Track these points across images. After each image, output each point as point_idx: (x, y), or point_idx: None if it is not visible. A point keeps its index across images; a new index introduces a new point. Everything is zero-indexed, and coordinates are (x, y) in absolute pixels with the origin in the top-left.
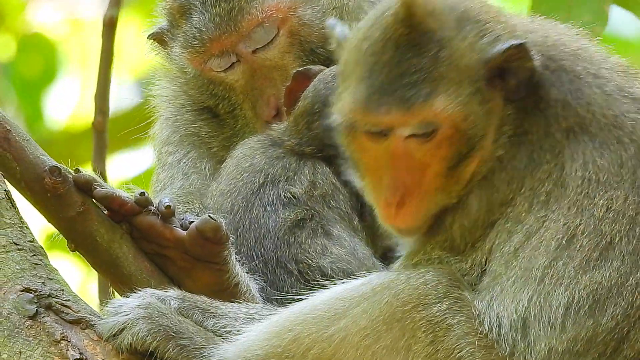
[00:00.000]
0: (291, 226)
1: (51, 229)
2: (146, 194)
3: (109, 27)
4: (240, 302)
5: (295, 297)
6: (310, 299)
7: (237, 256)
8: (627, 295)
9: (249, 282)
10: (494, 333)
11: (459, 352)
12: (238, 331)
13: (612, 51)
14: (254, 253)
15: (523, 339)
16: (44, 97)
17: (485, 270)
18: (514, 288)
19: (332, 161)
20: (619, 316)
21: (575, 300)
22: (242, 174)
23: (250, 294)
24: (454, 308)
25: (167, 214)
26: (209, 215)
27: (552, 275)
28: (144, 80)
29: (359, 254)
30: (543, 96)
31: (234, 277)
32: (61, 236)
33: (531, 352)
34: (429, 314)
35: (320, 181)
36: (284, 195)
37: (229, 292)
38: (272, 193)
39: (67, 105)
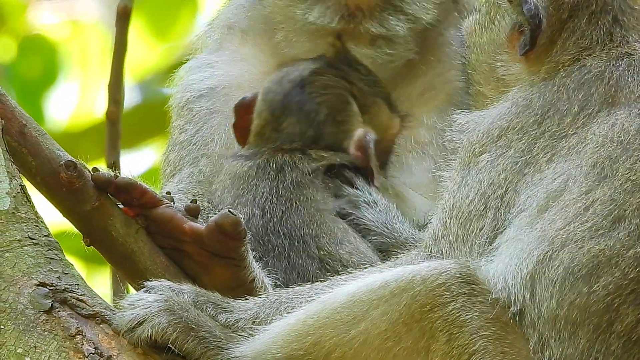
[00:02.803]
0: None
1: (56, 228)
2: (171, 195)
3: (123, 17)
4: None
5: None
6: (326, 301)
7: (254, 253)
8: (624, 267)
9: (264, 279)
10: (507, 293)
11: (472, 347)
12: (250, 327)
13: None
14: (279, 229)
15: (531, 298)
16: (44, 98)
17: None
18: (529, 247)
19: (305, 151)
20: (610, 286)
21: (575, 264)
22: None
23: (265, 290)
24: (467, 304)
25: (193, 211)
26: (229, 210)
27: (562, 237)
28: (145, 81)
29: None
30: (586, 64)
31: (251, 273)
32: (63, 236)
33: (537, 313)
34: (444, 313)
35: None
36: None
37: (245, 288)
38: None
39: (67, 107)
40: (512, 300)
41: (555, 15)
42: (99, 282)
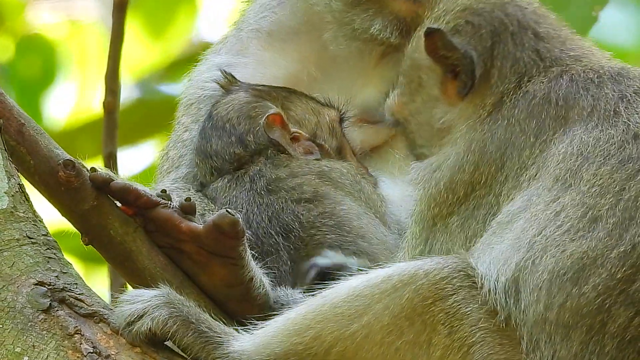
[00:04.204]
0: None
1: (54, 228)
2: (167, 192)
3: (119, 7)
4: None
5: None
6: (327, 295)
7: (251, 252)
8: (610, 267)
9: (262, 278)
10: (491, 297)
11: (471, 339)
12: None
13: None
14: (270, 230)
15: (516, 303)
16: (42, 98)
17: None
18: (504, 255)
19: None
20: (600, 287)
21: (560, 267)
22: None
23: (263, 289)
24: (467, 297)
25: (188, 209)
26: (227, 210)
27: (541, 242)
28: (143, 79)
29: None
30: (529, 90)
31: (249, 272)
32: (61, 236)
33: (524, 318)
34: (446, 306)
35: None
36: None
37: (244, 287)
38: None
39: (65, 106)
40: (499, 306)
41: (480, 45)
42: (97, 281)
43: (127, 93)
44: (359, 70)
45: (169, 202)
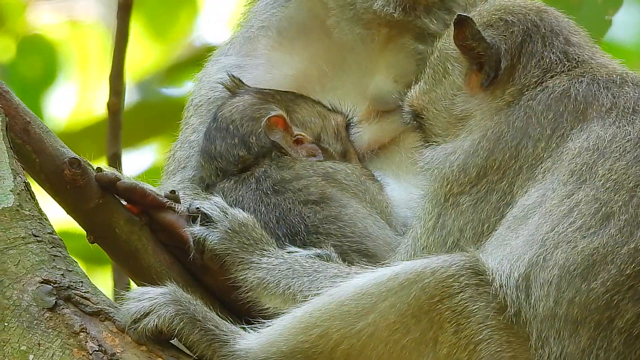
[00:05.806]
0: None
1: (57, 229)
2: (177, 192)
3: (124, 8)
4: None
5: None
6: (334, 294)
7: None
8: (619, 263)
9: None
10: (502, 292)
11: (478, 337)
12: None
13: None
14: (277, 232)
15: (526, 299)
16: (43, 98)
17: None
18: (519, 251)
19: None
20: (608, 283)
21: (570, 262)
22: None
23: None
24: (474, 295)
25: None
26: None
27: (553, 239)
28: (144, 81)
29: None
30: (549, 85)
31: None
32: (64, 237)
33: (534, 313)
34: (452, 304)
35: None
36: None
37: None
38: None
39: (66, 107)
40: (509, 301)
41: (510, 40)
42: (100, 283)
43: (129, 95)
44: (365, 58)
45: (177, 204)
